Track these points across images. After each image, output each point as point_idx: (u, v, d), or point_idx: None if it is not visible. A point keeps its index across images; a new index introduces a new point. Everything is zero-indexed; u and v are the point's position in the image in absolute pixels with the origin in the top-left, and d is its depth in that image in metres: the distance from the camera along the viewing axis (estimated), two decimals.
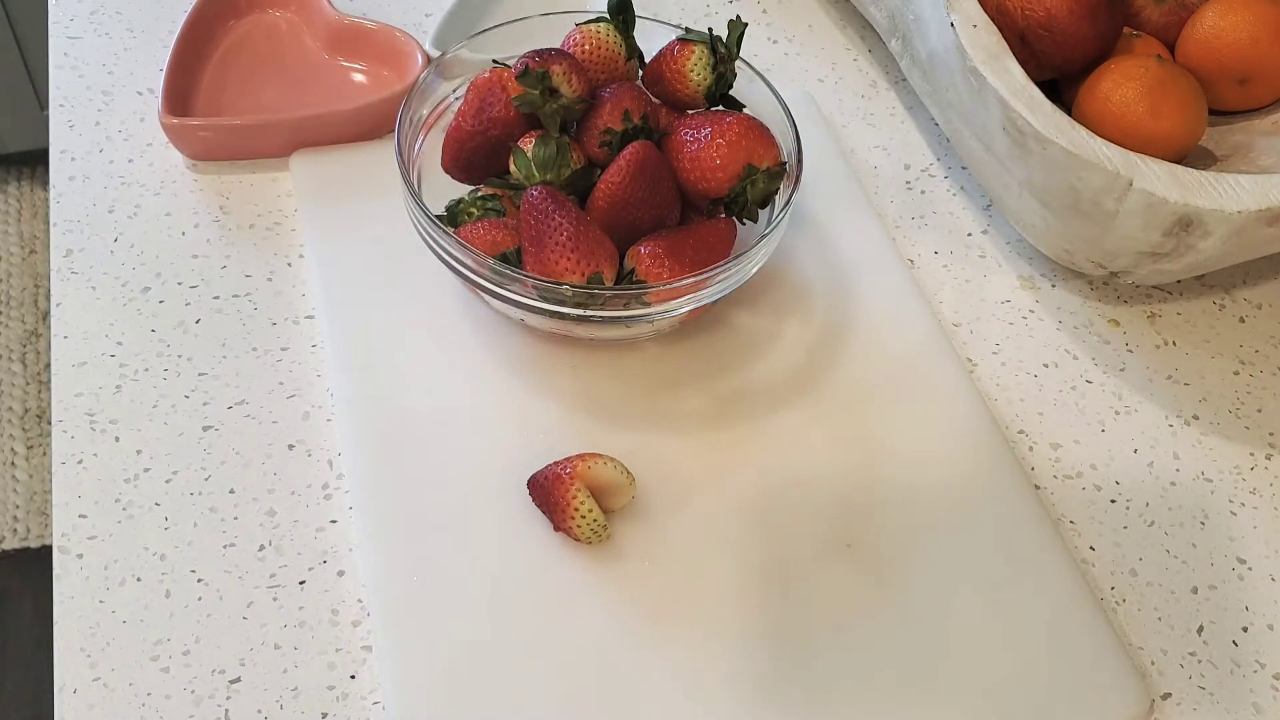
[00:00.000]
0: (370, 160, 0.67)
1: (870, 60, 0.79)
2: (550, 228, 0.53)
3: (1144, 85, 0.63)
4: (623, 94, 0.57)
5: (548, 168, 0.55)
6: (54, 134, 0.69)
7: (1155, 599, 0.55)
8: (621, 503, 0.53)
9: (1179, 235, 0.57)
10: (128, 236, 0.64)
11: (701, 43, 0.58)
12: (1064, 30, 0.65)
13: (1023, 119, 0.58)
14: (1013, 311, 0.66)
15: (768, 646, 0.50)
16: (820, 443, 0.57)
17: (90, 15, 0.76)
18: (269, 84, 0.71)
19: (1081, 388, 0.62)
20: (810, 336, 0.62)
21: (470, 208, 0.58)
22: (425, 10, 0.77)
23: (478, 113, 0.57)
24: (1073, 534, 0.57)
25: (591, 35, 0.59)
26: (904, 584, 0.53)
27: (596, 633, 0.50)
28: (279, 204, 0.66)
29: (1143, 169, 0.56)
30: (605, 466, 0.52)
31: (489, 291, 0.55)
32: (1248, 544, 0.57)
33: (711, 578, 0.52)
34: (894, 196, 0.71)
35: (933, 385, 0.60)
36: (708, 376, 0.60)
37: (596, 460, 0.52)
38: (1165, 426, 0.61)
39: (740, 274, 0.57)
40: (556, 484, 0.51)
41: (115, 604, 0.51)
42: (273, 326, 0.61)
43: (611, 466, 0.52)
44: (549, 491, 0.52)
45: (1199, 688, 0.52)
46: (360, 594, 0.51)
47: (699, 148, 0.56)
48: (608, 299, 0.54)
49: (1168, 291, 0.68)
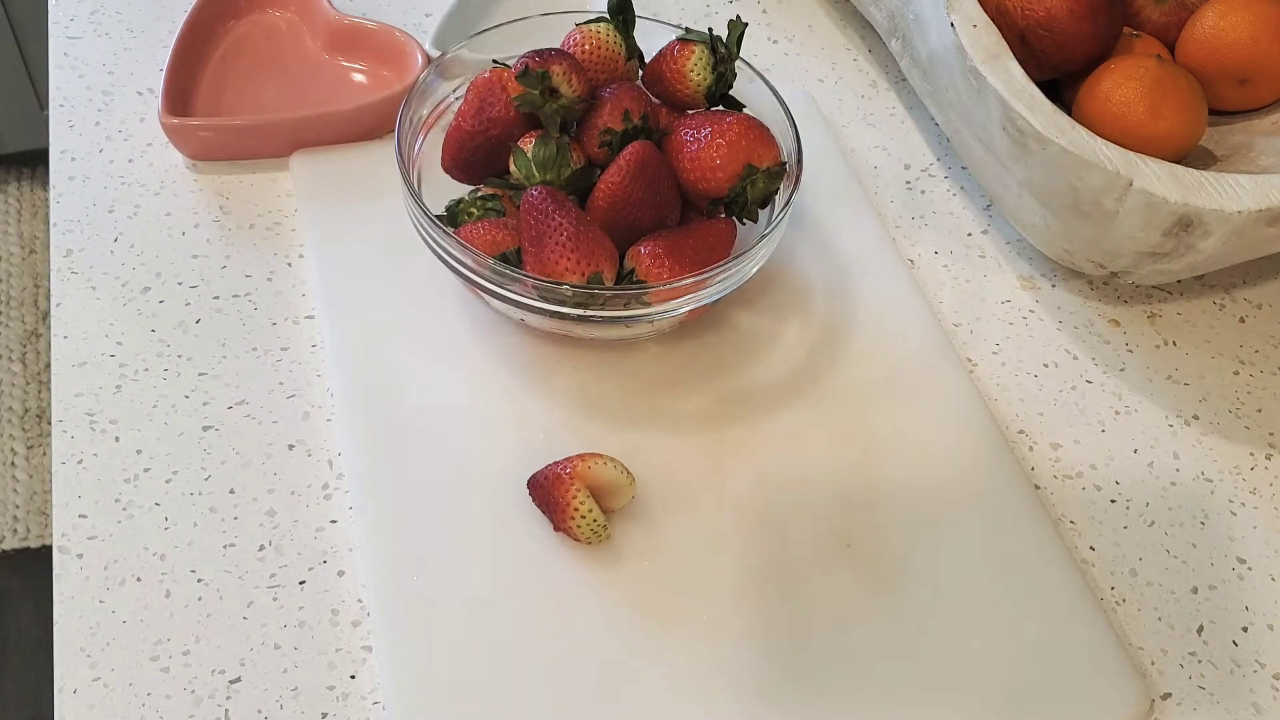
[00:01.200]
0: (370, 160, 0.67)
1: (870, 60, 0.79)
2: (550, 228, 0.53)
3: (1144, 85, 0.63)
4: (623, 94, 0.57)
5: (548, 168, 0.55)
6: (54, 134, 0.69)
7: (1155, 599, 0.55)
8: (622, 503, 0.53)
9: (1179, 235, 0.57)
10: (128, 236, 0.64)
11: (701, 43, 0.58)
12: (1064, 30, 0.65)
13: (1023, 119, 0.58)
14: (1013, 311, 0.66)
15: (767, 646, 0.50)
16: (820, 442, 0.57)
17: (90, 15, 0.76)
18: (269, 84, 0.71)
19: (1081, 388, 0.62)
20: (810, 336, 0.62)
21: (470, 208, 0.58)
22: (425, 10, 0.77)
23: (478, 113, 0.57)
24: (1073, 534, 0.57)
25: (591, 35, 0.59)
26: (903, 584, 0.53)
27: (596, 632, 0.50)
28: (279, 204, 0.66)
29: (1143, 169, 0.56)
30: (605, 466, 0.52)
31: (489, 291, 0.55)
32: (1248, 544, 0.57)
33: (711, 578, 0.52)
34: (894, 196, 0.71)
35: (933, 385, 0.60)
36: (708, 376, 0.60)
37: (597, 460, 0.52)
38: (1165, 426, 0.61)
39: (740, 274, 0.57)
40: (556, 484, 0.51)
41: (115, 604, 0.51)
42: (273, 326, 0.61)
43: (611, 466, 0.52)
44: (549, 491, 0.52)
45: (1199, 688, 0.52)
46: (360, 594, 0.51)
47: (699, 148, 0.56)
48: (608, 299, 0.54)
49: (1168, 291, 0.68)
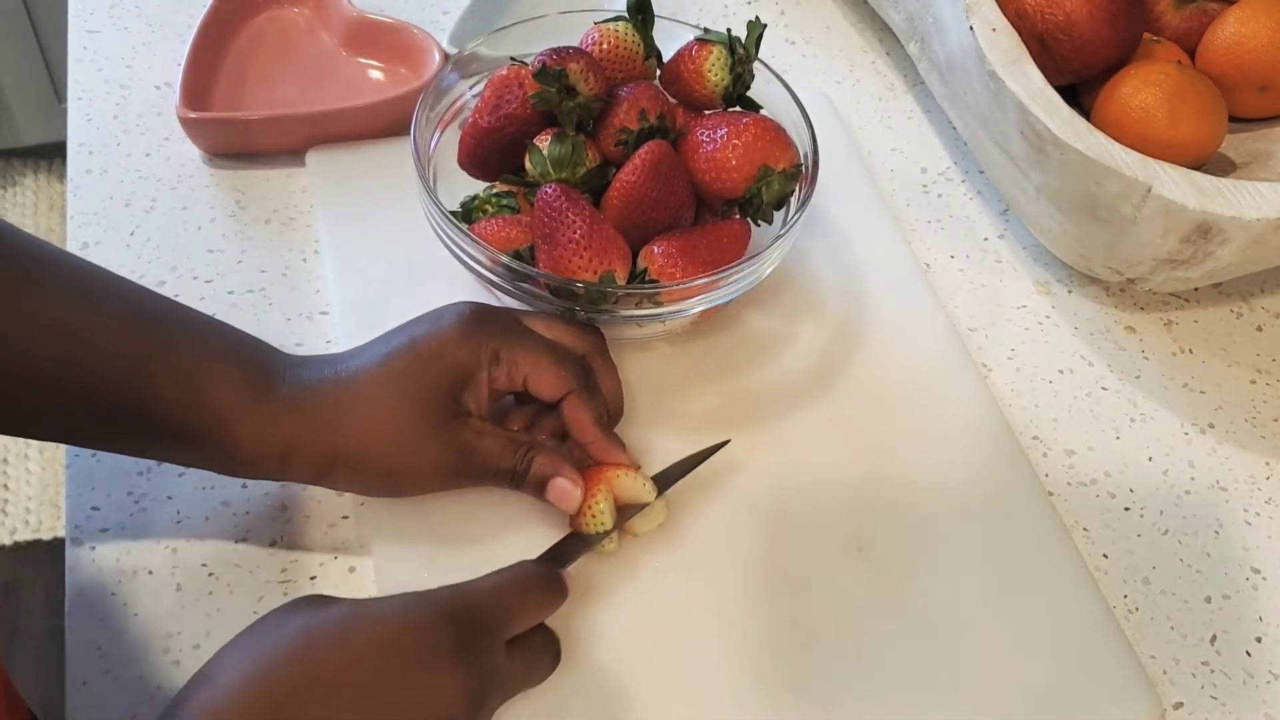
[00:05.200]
0: (386, 157, 0.67)
1: (888, 63, 0.79)
2: (563, 225, 0.53)
3: (1163, 91, 0.63)
4: (640, 93, 0.57)
5: (563, 165, 0.55)
6: (72, 127, 0.69)
7: (1168, 608, 0.54)
8: (650, 526, 0.52)
9: (1197, 242, 0.56)
10: (144, 230, 0.64)
11: (720, 43, 0.58)
12: (1083, 35, 0.65)
13: (1041, 123, 0.57)
14: (1028, 317, 0.65)
15: (777, 649, 0.50)
16: (832, 446, 0.57)
17: (109, 10, 0.76)
18: (286, 79, 0.71)
19: (1097, 394, 0.62)
20: (824, 339, 0.62)
21: (485, 204, 0.58)
22: (443, 8, 0.77)
23: (495, 109, 0.57)
24: (1086, 541, 0.56)
25: (610, 34, 0.59)
26: (915, 589, 0.52)
27: (604, 632, 0.50)
28: (295, 199, 0.66)
29: (1161, 175, 0.55)
30: (632, 479, 0.51)
31: (501, 288, 0.55)
32: (1262, 553, 0.57)
33: (721, 579, 0.52)
34: (910, 199, 0.71)
35: (947, 390, 0.60)
36: (720, 378, 0.59)
37: (627, 472, 0.51)
38: (1180, 434, 0.61)
39: (754, 275, 0.56)
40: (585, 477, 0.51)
41: (127, 596, 0.51)
42: (287, 322, 0.61)
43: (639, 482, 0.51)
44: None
45: (1211, 697, 0.52)
46: (371, 590, 0.51)
47: (714, 148, 0.56)
48: (620, 298, 0.54)
49: (1185, 299, 0.67)
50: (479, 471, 0.50)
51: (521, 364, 0.50)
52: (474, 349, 0.49)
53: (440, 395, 0.49)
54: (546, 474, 0.50)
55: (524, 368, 0.50)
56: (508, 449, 0.50)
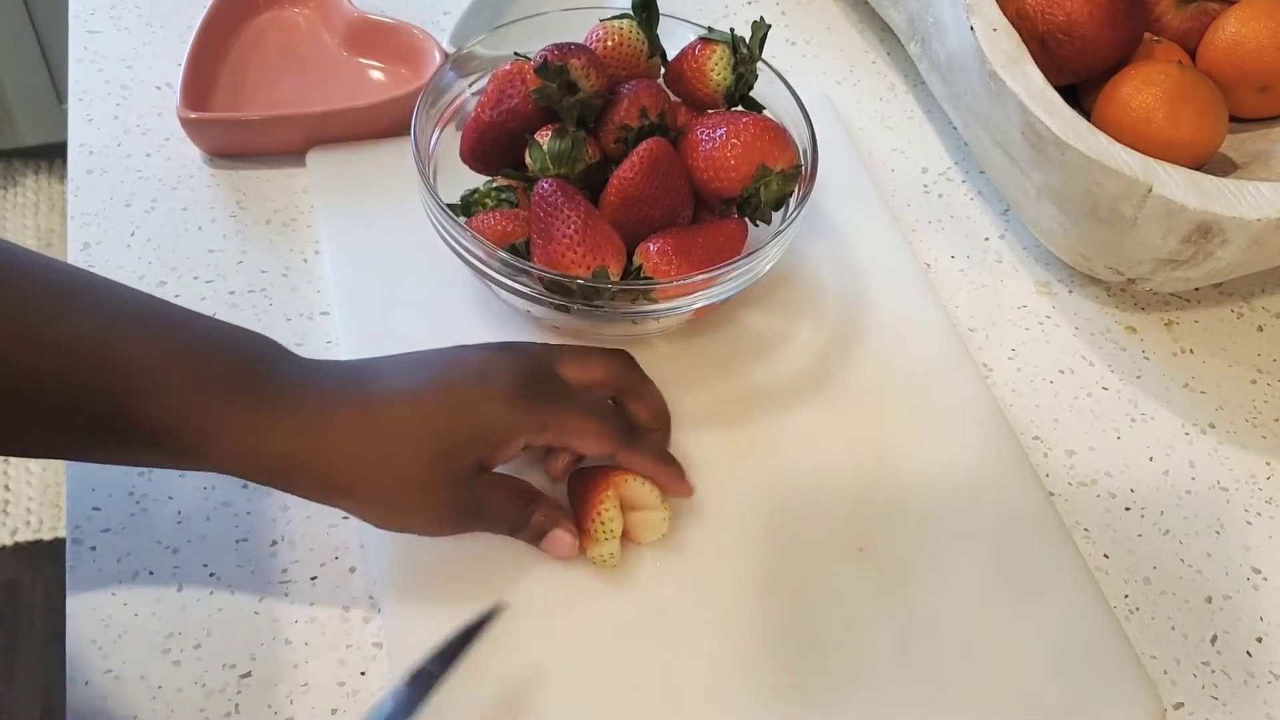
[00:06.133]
0: (386, 157, 0.67)
1: (889, 63, 0.79)
2: (558, 220, 0.53)
3: (1164, 91, 0.63)
4: (641, 91, 0.57)
5: (562, 161, 0.55)
6: (72, 127, 0.69)
7: (1169, 608, 0.54)
8: (652, 536, 0.52)
9: (1198, 242, 0.56)
10: (144, 230, 0.64)
11: (723, 43, 0.58)
12: (1084, 35, 0.65)
13: (1041, 124, 0.57)
14: (1029, 317, 0.65)
15: (777, 650, 0.50)
16: (832, 445, 0.57)
17: (110, 10, 0.76)
18: (286, 80, 0.71)
19: (1097, 394, 0.62)
20: (823, 339, 0.62)
21: (484, 198, 0.58)
22: (443, 8, 0.77)
23: (496, 104, 0.57)
24: (1086, 541, 0.56)
25: (614, 31, 0.59)
26: (915, 589, 0.52)
27: (604, 633, 0.50)
28: (295, 200, 0.66)
29: (1162, 175, 0.55)
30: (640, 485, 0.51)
31: (498, 283, 0.55)
32: (1263, 554, 0.57)
33: (720, 580, 0.52)
34: (911, 199, 0.71)
35: (947, 390, 0.60)
36: (718, 376, 0.59)
37: (633, 477, 0.51)
38: (1181, 434, 0.61)
39: (750, 273, 0.56)
40: (592, 483, 0.51)
41: (127, 596, 0.51)
42: (288, 322, 0.61)
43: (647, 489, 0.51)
44: (585, 485, 0.51)
45: (1212, 698, 0.52)
46: (372, 591, 0.51)
47: (713, 147, 0.56)
48: (614, 294, 0.54)
49: (1185, 299, 0.67)
50: (482, 521, 0.50)
51: (569, 433, 0.50)
52: (521, 420, 0.49)
53: (468, 453, 0.48)
54: (545, 528, 0.51)
55: (570, 436, 0.50)
56: (511, 501, 0.50)
